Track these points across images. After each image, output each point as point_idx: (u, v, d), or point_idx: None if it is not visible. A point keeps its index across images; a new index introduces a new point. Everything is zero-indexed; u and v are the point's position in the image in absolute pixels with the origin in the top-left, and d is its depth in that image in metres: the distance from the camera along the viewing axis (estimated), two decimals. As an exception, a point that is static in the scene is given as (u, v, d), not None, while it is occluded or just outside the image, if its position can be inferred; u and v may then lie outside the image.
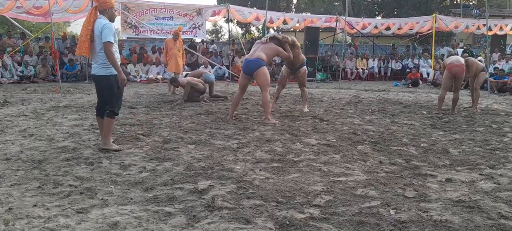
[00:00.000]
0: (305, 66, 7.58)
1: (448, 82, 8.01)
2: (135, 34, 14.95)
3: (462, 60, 7.95)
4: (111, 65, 4.49)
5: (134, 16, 14.17)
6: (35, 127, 5.91)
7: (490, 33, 16.56)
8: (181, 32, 10.51)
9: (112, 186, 3.47)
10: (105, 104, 4.66)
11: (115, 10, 4.80)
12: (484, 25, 16.45)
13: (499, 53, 17.43)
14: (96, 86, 4.78)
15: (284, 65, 7.87)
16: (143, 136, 5.39)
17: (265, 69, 6.48)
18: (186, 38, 16.21)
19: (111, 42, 4.41)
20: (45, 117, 6.74)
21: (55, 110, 7.45)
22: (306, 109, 7.64)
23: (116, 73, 4.52)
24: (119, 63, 4.56)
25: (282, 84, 7.89)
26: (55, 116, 6.83)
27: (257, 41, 7.17)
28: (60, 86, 10.22)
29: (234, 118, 6.71)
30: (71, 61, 14.36)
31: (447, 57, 8.83)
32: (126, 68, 14.59)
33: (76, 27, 22.69)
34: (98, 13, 4.55)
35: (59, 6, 13.25)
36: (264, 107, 6.57)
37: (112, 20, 4.64)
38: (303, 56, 7.53)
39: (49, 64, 13.98)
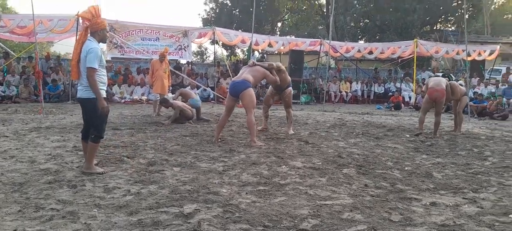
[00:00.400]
0: (290, 88, 7.68)
1: (427, 106, 8.18)
2: (121, 54, 14.89)
3: (444, 84, 8.05)
4: None
5: (120, 37, 14.15)
6: (16, 148, 5.78)
7: (469, 58, 17.00)
8: (167, 53, 10.51)
9: (96, 210, 3.40)
10: (90, 128, 4.60)
11: (107, 32, 4.73)
12: (463, 50, 16.90)
13: (478, 78, 17.90)
14: (82, 109, 4.72)
15: (270, 86, 7.94)
16: (128, 158, 5.33)
17: (251, 91, 6.52)
18: (172, 60, 16.21)
19: (93, 68, 4.33)
20: (26, 138, 6.61)
21: (37, 131, 7.32)
22: (291, 132, 7.68)
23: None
24: (104, 88, 4.51)
25: (266, 104, 8.00)
26: (37, 137, 6.70)
27: (244, 66, 7.24)
28: (42, 106, 10.06)
29: (219, 140, 6.69)
30: (54, 81, 14.19)
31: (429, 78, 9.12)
32: (111, 89, 14.48)
33: (59, 47, 22.47)
34: (89, 35, 4.49)
35: (43, 26, 13.14)
36: (250, 129, 6.58)
37: (103, 41, 4.60)
38: (289, 78, 7.63)
39: (31, 84, 13.79)
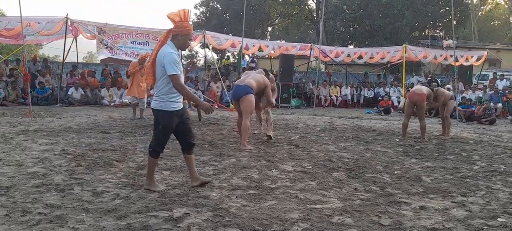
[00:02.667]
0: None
1: (409, 110, 8.32)
2: (111, 55, 14.78)
3: (424, 89, 8.17)
4: (164, 100, 4.01)
5: (109, 39, 14.06)
6: (3, 152, 5.69)
7: (457, 64, 17.17)
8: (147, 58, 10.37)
9: (84, 214, 3.36)
10: (185, 141, 4.25)
11: (190, 39, 4.19)
12: (451, 56, 17.08)
13: (464, 84, 18.09)
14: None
15: None
16: (117, 161, 5.28)
17: (251, 97, 6.53)
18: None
19: (175, 75, 3.89)
20: (14, 141, 6.51)
21: (25, 134, 7.22)
22: (270, 133, 7.41)
23: (167, 110, 4.01)
24: (175, 98, 4.06)
25: (257, 107, 7.99)
26: (24, 140, 6.61)
27: (247, 71, 7.21)
28: (30, 109, 9.94)
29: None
30: (41, 84, 14.01)
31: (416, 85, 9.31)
32: (100, 92, 14.40)
33: (48, 50, 22.23)
34: (169, 38, 4.09)
35: (32, 28, 12.99)
36: (242, 133, 6.57)
37: (183, 48, 4.23)
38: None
39: (19, 87, 13.61)
